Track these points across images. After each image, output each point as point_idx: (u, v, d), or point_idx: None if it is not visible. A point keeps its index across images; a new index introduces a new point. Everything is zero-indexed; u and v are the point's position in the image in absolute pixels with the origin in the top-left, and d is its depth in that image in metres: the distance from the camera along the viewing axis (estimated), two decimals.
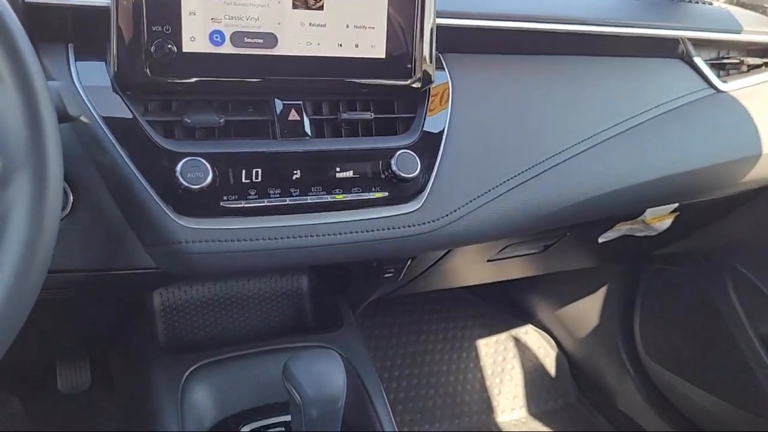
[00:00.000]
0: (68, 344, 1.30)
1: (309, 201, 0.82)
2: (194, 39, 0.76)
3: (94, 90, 0.76)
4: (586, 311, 1.86)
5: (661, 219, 1.28)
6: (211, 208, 0.78)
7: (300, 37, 0.81)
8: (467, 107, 0.96)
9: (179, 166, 0.75)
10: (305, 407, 0.76)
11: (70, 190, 0.78)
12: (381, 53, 0.86)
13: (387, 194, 0.86)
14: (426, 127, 0.91)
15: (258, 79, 0.81)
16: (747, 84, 1.23)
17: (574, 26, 1.07)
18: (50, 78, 0.72)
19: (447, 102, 0.94)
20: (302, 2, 0.80)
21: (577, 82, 1.08)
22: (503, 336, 1.99)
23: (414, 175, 0.87)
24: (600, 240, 1.30)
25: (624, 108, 1.09)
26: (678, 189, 1.15)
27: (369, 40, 0.85)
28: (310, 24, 0.81)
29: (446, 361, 1.91)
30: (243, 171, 0.79)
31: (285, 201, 0.81)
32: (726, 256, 1.49)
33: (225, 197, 0.78)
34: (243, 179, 0.79)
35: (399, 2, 0.84)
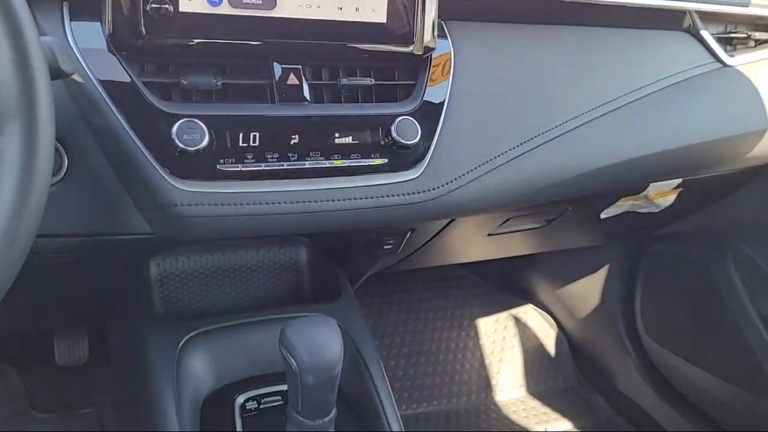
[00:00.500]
0: (65, 315, 1.29)
1: (307, 166, 0.81)
2: None
3: (90, 51, 0.75)
4: (587, 291, 1.85)
5: (664, 195, 1.26)
6: (208, 172, 0.77)
7: None
8: (470, 77, 0.95)
9: (175, 128, 0.74)
10: (301, 373, 0.75)
11: (65, 153, 0.77)
12: (382, 18, 0.84)
13: (386, 161, 0.85)
14: (427, 95, 0.89)
15: (256, 42, 0.79)
16: (754, 59, 1.21)
17: None
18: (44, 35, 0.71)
19: (449, 72, 0.93)
20: None
21: (582, 53, 1.06)
22: (503, 315, 1.98)
23: (414, 142, 0.85)
24: (602, 216, 1.29)
25: (629, 80, 1.07)
26: (682, 163, 1.14)
27: (370, 4, 0.83)
28: None
29: (445, 340, 1.91)
30: (240, 134, 0.78)
31: (282, 165, 0.80)
32: (729, 236, 1.47)
33: (222, 160, 0.77)
34: (240, 143, 0.78)
35: None
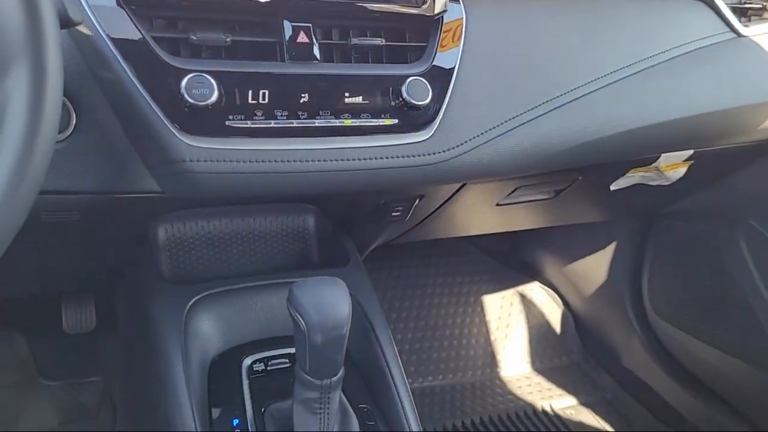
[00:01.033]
0: (73, 279, 1.29)
1: (317, 125, 0.81)
2: None
3: (99, 6, 0.74)
4: (594, 268, 1.84)
5: (675, 167, 1.25)
6: (217, 128, 0.76)
7: None
8: (481, 40, 0.94)
9: (184, 82, 0.74)
10: (309, 332, 0.75)
11: (73, 110, 0.77)
12: None
13: (397, 122, 0.85)
14: (438, 59, 0.88)
15: None
16: None
17: None
18: None
19: (460, 37, 0.92)
20: None
21: (595, 20, 1.05)
22: (509, 292, 1.98)
23: (425, 103, 0.85)
24: (612, 187, 1.28)
25: (642, 47, 1.06)
26: (694, 133, 1.13)
27: None
28: None
29: (451, 315, 1.91)
30: (249, 91, 0.77)
31: (292, 124, 0.79)
32: (739, 212, 1.46)
33: (231, 117, 0.77)
34: (249, 99, 0.77)
35: None
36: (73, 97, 0.76)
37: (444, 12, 0.88)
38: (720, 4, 1.15)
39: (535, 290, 2.00)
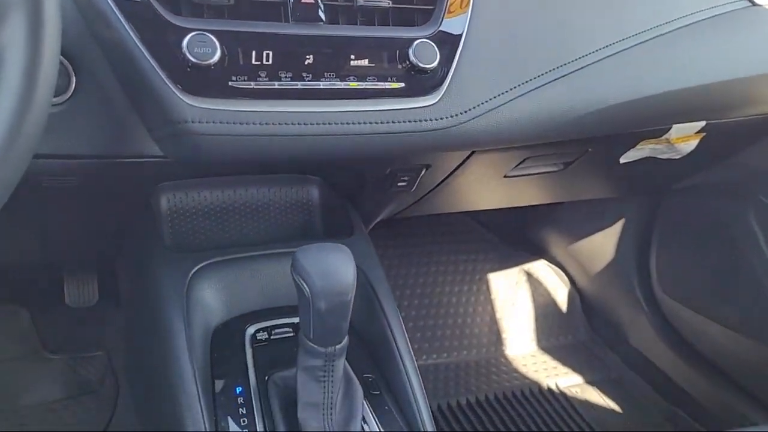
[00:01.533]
0: (74, 249, 1.28)
1: (322, 87, 0.79)
2: None
3: None
4: (601, 246, 1.82)
5: (686, 139, 1.23)
6: (220, 88, 0.75)
7: None
8: (491, 2, 0.91)
9: (186, 41, 0.72)
10: (313, 299, 0.74)
11: (73, 72, 0.75)
12: None
13: (404, 85, 0.83)
14: (446, 21, 0.86)
15: None
16: None
17: None
18: None
19: (469, 2, 0.90)
20: None
21: None
22: (515, 270, 1.97)
23: (433, 66, 0.83)
24: (622, 160, 1.26)
25: (655, 14, 1.03)
26: (707, 102, 1.10)
27: None
28: None
29: (457, 293, 1.89)
30: (253, 51, 0.76)
31: (296, 85, 0.78)
32: (750, 188, 1.44)
33: (234, 77, 0.75)
34: (253, 60, 0.76)
35: None
36: (73, 59, 0.74)
37: None
38: None
39: (542, 268, 1.98)
